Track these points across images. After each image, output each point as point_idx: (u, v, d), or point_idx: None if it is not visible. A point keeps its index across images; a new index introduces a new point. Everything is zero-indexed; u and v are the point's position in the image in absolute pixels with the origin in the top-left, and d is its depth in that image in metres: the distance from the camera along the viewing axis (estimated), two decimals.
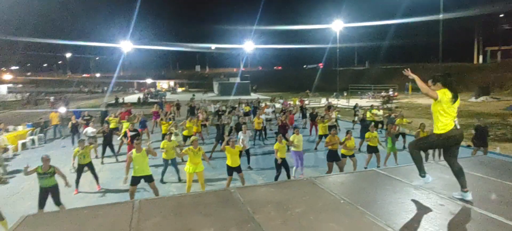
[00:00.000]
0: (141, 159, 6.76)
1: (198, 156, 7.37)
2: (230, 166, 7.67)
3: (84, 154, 8.16)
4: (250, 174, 9.44)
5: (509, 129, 17.23)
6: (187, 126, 12.06)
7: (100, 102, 27.68)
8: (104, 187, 8.56)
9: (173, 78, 71.44)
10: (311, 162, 10.38)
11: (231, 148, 7.64)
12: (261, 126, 13.30)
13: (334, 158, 8.52)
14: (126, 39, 56.50)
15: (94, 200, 7.79)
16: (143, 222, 3.34)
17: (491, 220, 3.21)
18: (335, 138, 8.56)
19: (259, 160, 11.11)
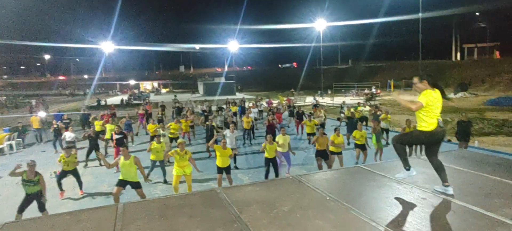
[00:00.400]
0: (128, 166, 6.59)
1: (185, 159, 7.26)
2: (220, 166, 7.67)
3: (69, 162, 7.87)
4: (236, 174, 9.41)
5: (486, 123, 17.87)
6: (172, 127, 11.88)
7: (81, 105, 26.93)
8: (87, 191, 8.36)
9: (157, 79, 70.47)
10: (298, 161, 10.44)
11: (223, 148, 7.61)
12: (250, 124, 13.27)
13: (322, 155, 8.59)
14: (107, 40, 55.35)
15: (77, 205, 7.59)
16: (128, 225, 3.27)
17: (471, 211, 3.31)
18: (324, 138, 8.60)
19: (246, 159, 11.10)
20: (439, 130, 3.66)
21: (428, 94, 3.61)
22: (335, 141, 8.68)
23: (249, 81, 60.62)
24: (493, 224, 3.01)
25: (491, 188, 3.91)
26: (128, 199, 6.63)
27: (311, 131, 12.17)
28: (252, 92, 48.31)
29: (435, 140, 3.74)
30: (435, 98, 3.60)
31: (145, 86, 63.36)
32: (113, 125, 11.74)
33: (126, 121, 13.41)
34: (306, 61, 55.31)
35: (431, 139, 3.72)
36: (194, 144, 13.37)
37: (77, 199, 7.96)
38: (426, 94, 3.61)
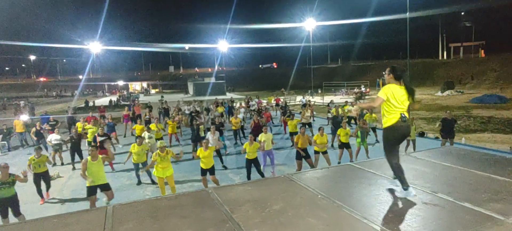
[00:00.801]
0: (96, 167, 6.36)
1: (167, 159, 7.16)
2: (204, 168, 7.59)
3: (40, 162, 7.61)
4: (227, 174, 9.38)
5: (472, 120, 18.24)
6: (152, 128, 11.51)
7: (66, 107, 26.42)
8: (75, 194, 8.20)
9: (146, 79, 69.73)
10: (283, 159, 10.45)
11: (204, 150, 7.53)
12: (239, 125, 13.21)
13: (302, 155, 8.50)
14: (95, 40, 54.49)
15: (64, 208, 7.44)
16: (118, 227, 3.22)
17: (460, 206, 3.37)
18: (305, 137, 8.59)
19: (237, 159, 11.06)
20: (400, 124, 3.53)
21: (387, 88, 3.54)
22: (318, 141, 8.68)
23: (239, 81, 60.53)
24: (481, 218, 3.07)
25: (478, 183, 3.98)
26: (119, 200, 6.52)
27: (293, 130, 12.16)
28: (242, 92, 48.26)
29: (397, 134, 3.61)
30: (396, 92, 3.50)
31: (134, 87, 62.63)
32: (94, 127, 11.51)
33: (108, 122, 13.19)
34: (296, 61, 55.54)
35: (393, 133, 3.60)
36: (182, 144, 13.26)
37: (70, 202, 7.80)
38: (385, 88, 3.55)
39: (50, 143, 10.76)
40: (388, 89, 3.54)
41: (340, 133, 9.63)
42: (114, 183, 8.61)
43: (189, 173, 9.36)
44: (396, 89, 3.53)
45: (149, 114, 14.70)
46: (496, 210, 3.20)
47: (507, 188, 3.81)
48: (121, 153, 11.87)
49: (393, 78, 3.60)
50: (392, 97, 3.51)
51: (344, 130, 9.62)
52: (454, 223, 3.03)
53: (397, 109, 3.53)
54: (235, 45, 66.49)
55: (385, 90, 3.55)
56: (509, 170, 4.43)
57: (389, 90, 3.53)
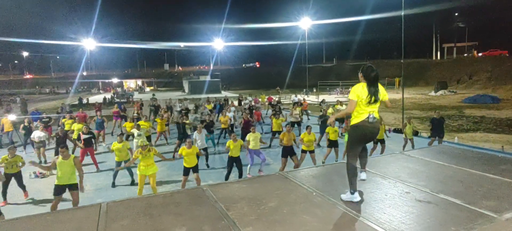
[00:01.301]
0: (66, 166, 6.17)
1: (150, 157, 7.01)
2: (186, 167, 7.45)
3: (13, 163, 7.28)
4: (222, 172, 9.33)
5: (465, 120, 18.45)
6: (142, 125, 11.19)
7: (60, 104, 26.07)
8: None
9: (141, 77, 69.32)
10: (276, 158, 10.43)
11: (187, 148, 7.41)
12: (228, 123, 13.12)
13: (288, 153, 8.48)
14: (89, 37, 53.98)
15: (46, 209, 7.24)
16: (111, 224, 3.19)
17: (453, 204, 3.40)
18: (290, 134, 8.55)
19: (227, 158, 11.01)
20: (366, 125, 3.44)
21: (356, 88, 3.47)
22: (305, 139, 8.68)
23: (234, 79, 60.45)
24: (473, 215, 3.10)
25: (471, 182, 4.02)
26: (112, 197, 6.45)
27: (277, 128, 12.14)
28: (237, 91, 48.23)
29: (360, 134, 3.51)
30: (364, 93, 3.41)
31: (128, 85, 62.21)
32: (80, 124, 11.36)
33: (97, 119, 13.03)
34: (292, 60, 55.68)
35: (356, 132, 3.51)
36: (170, 143, 13.14)
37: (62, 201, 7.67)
38: (354, 89, 3.48)
39: (34, 139, 10.57)
40: (357, 90, 3.46)
41: (329, 131, 9.69)
42: (106, 181, 8.53)
43: (177, 171, 9.25)
44: (363, 89, 3.43)
45: (138, 112, 14.57)
46: (489, 207, 3.23)
47: (499, 186, 3.86)
48: (100, 153, 11.64)
49: (363, 77, 3.51)
50: (360, 97, 3.42)
51: (333, 128, 9.67)
52: (447, 220, 3.05)
53: (365, 109, 3.44)
54: (230, 43, 66.52)
55: (355, 91, 3.46)
56: (501, 168, 4.49)
57: (357, 91, 3.44)
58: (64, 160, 6.19)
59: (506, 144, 12.02)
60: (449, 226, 2.92)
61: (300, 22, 39.79)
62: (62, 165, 6.17)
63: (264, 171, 8.61)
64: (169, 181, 8.52)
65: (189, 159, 7.41)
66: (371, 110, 3.45)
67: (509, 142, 12.76)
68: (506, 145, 11.89)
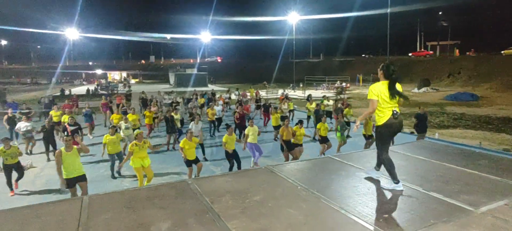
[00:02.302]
0: (72, 158, 5.99)
1: (144, 149, 7.00)
2: (189, 160, 7.54)
3: (11, 154, 7.24)
4: (208, 166, 9.33)
5: (445, 116, 18.97)
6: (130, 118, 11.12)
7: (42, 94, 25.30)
8: (48, 186, 7.91)
9: (126, 69, 67.94)
10: (265, 152, 10.49)
11: (189, 140, 7.49)
12: (215, 117, 13.12)
13: (288, 146, 8.67)
14: (72, 27, 52.46)
15: (36, 200, 7.15)
16: (94, 218, 3.14)
17: (433, 198, 3.51)
18: (288, 129, 8.71)
19: (217, 151, 11.02)
20: (393, 121, 3.61)
21: (374, 87, 3.60)
22: (297, 133, 8.85)
23: (221, 73, 60.06)
24: (452, 209, 3.20)
25: (450, 176, 4.15)
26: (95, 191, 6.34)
27: (276, 123, 12.25)
28: (224, 84, 47.98)
29: (389, 131, 3.69)
30: (384, 90, 3.56)
31: (113, 77, 60.91)
32: (67, 115, 11.11)
33: (85, 111, 12.77)
34: (280, 55, 55.72)
35: (386, 130, 3.68)
36: (160, 136, 13.03)
37: (43, 194, 7.50)
38: (373, 88, 3.60)
39: (19, 131, 10.29)
40: (375, 89, 3.59)
41: (320, 127, 9.80)
42: (90, 174, 8.34)
43: (166, 164, 9.24)
44: (383, 87, 3.59)
45: (126, 104, 14.33)
46: (466, 201, 3.35)
47: (477, 180, 3.99)
48: (96, 144, 11.55)
49: (383, 75, 3.66)
50: (380, 96, 3.57)
51: (324, 124, 9.80)
52: (427, 213, 3.15)
53: (388, 106, 3.59)
54: (217, 36, 65.95)
55: (373, 90, 3.60)
56: (478, 163, 4.65)
57: (376, 90, 3.58)
58: (67, 152, 5.95)
59: (483, 140, 12.43)
60: (429, 219, 3.01)
61: (288, 17, 39.84)
62: (67, 157, 5.94)
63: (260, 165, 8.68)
64: (161, 174, 8.45)
65: (190, 152, 7.47)
66: (393, 106, 3.60)
67: (486, 138, 13.21)
68: (483, 141, 12.29)
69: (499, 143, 12.49)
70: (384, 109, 3.60)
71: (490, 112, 20.27)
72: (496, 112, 20.23)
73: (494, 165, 4.61)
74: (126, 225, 3.01)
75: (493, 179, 4.00)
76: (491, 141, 12.94)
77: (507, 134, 14.46)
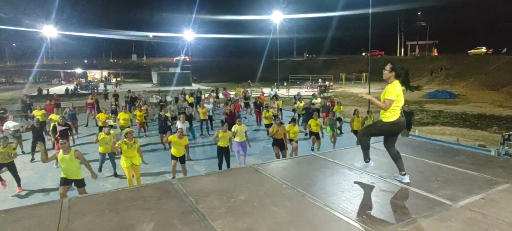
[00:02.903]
0: (68, 162, 5.83)
1: (134, 149, 6.92)
2: (174, 155, 7.61)
3: (5, 153, 7.08)
4: (192, 165, 9.25)
5: (425, 114, 19.54)
6: (122, 117, 11.19)
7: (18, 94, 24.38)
8: (28, 187, 7.64)
9: (107, 68, 66.32)
10: (256, 151, 10.52)
11: (179, 138, 7.52)
12: (207, 115, 13.07)
13: (279, 144, 8.70)
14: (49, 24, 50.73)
15: (15, 203, 6.90)
16: (74, 221, 3.05)
17: (413, 193, 3.60)
18: (281, 127, 8.76)
19: (203, 151, 10.95)
20: (401, 119, 3.78)
21: (395, 89, 3.67)
22: (290, 131, 8.95)
23: (205, 72, 59.61)
24: (432, 204, 3.30)
25: (430, 172, 4.28)
26: (76, 193, 6.17)
27: (268, 122, 12.32)
28: (208, 83, 47.66)
29: (397, 129, 3.87)
30: (401, 91, 3.72)
31: (93, 76, 59.35)
32: (57, 115, 10.83)
33: (69, 111, 12.45)
34: (264, 54, 55.82)
35: (394, 128, 3.81)
36: (149, 135, 12.87)
37: (20, 197, 7.24)
38: (394, 88, 3.67)
39: (8, 131, 9.92)
40: (396, 90, 3.67)
41: (311, 124, 9.97)
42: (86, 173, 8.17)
43: (155, 163, 9.11)
44: (400, 88, 3.72)
45: (115, 103, 14.05)
46: (445, 196, 3.46)
47: (455, 175, 4.13)
48: (83, 144, 11.26)
49: (394, 76, 3.74)
50: (399, 96, 3.67)
51: (315, 121, 9.97)
52: (408, 208, 3.23)
53: (399, 105, 3.71)
54: (201, 35, 65.33)
55: (394, 91, 3.65)
56: (457, 159, 4.81)
57: (397, 90, 3.67)
58: (64, 155, 5.76)
59: (461, 137, 12.89)
60: (410, 214, 3.08)
61: (272, 16, 39.94)
62: (64, 160, 5.76)
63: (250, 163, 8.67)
64: (152, 173, 8.33)
65: (178, 149, 7.51)
66: (401, 106, 3.76)
67: (463, 135, 13.70)
68: (461, 137, 12.74)
69: (475, 139, 12.98)
70: (396, 108, 3.71)
71: (467, 109, 21.03)
72: (472, 109, 21.00)
73: (471, 160, 4.78)
74: (108, 228, 2.94)
75: (470, 174, 4.15)
76: (467, 137, 13.43)
77: (482, 130, 15.05)
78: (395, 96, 3.66)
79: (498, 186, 3.71)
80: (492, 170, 4.27)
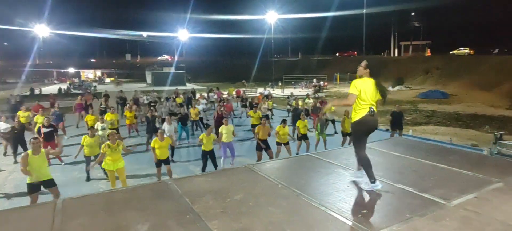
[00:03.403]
0: (39, 162, 5.60)
1: (118, 151, 6.75)
2: (159, 159, 7.38)
3: None
4: (187, 166, 9.22)
5: (418, 113, 19.71)
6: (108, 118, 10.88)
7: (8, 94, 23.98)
8: (18, 190, 7.53)
9: (100, 67, 65.73)
10: (245, 151, 10.50)
11: (160, 140, 7.33)
12: (198, 116, 13.03)
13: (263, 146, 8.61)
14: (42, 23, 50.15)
15: (7, 204, 6.81)
16: (68, 223, 3.01)
17: (408, 192, 3.62)
18: (265, 128, 8.70)
19: (197, 151, 10.89)
20: (368, 118, 3.56)
21: (359, 83, 3.55)
22: (280, 132, 8.88)
23: (200, 72, 59.41)
24: (426, 203, 3.32)
25: (424, 171, 4.31)
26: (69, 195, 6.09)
27: (256, 122, 12.25)
28: (203, 83, 47.51)
29: (364, 128, 3.65)
30: (367, 87, 3.54)
31: (86, 75, 58.79)
32: (42, 117, 10.65)
33: (54, 111, 12.25)
34: (259, 53, 55.83)
35: (360, 127, 3.64)
36: (142, 135, 12.77)
37: (10, 198, 7.14)
38: (357, 83, 3.55)
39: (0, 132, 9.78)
40: (359, 84, 3.53)
41: (299, 125, 9.88)
42: (64, 177, 8.06)
43: (145, 164, 9.04)
44: (367, 83, 3.56)
45: (105, 104, 13.89)
46: (439, 195, 3.49)
47: (449, 175, 4.17)
48: (71, 145, 11.13)
49: (366, 72, 3.63)
50: (363, 92, 3.53)
51: (303, 122, 9.89)
52: (403, 207, 3.25)
53: (366, 103, 3.56)
54: (195, 34, 65.00)
55: (357, 85, 3.53)
56: (450, 158, 4.85)
57: (361, 85, 3.53)
58: (34, 155, 5.54)
59: (453, 136, 13.01)
60: (405, 213, 3.10)
61: (266, 16, 39.96)
62: (34, 161, 5.53)
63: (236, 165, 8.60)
64: (139, 175, 8.24)
65: (161, 151, 7.31)
66: (371, 104, 3.56)
67: (456, 134, 13.84)
68: (453, 137, 12.87)
69: (468, 139, 13.13)
70: (362, 106, 3.56)
71: (459, 109, 21.26)
72: (465, 109, 21.24)
73: (464, 160, 4.83)
74: (103, 228, 2.91)
75: (463, 174, 4.19)
76: (460, 136, 13.57)
77: (474, 130, 15.22)
78: (357, 91, 3.52)
79: (491, 185, 3.76)
80: (485, 169, 4.32)
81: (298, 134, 10.07)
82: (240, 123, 15.58)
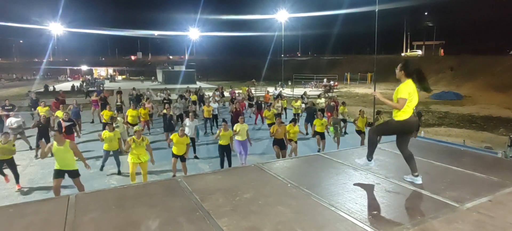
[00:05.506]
0: (63, 153, 5.95)
1: (142, 146, 7.01)
2: (175, 154, 7.69)
3: (4, 149, 7.10)
4: (197, 163, 9.29)
5: (430, 115, 19.40)
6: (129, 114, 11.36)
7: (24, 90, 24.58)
8: (34, 183, 7.72)
9: (112, 65, 66.68)
10: (257, 150, 10.52)
11: (179, 136, 7.56)
12: (211, 113, 13.09)
13: (279, 144, 8.70)
14: (56, 21, 51.11)
15: (21, 198, 6.99)
16: (81, 217, 3.07)
17: (420, 194, 3.58)
18: (281, 127, 8.74)
19: (207, 149, 10.97)
20: (413, 119, 3.73)
21: (406, 87, 3.62)
22: (290, 131, 8.94)
23: (210, 70, 59.69)
24: (438, 205, 3.27)
25: (436, 173, 4.25)
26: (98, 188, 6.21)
27: (270, 121, 12.30)
28: (213, 82, 47.72)
29: (409, 128, 3.81)
30: (413, 90, 3.66)
31: (99, 73, 59.74)
32: (62, 112, 10.94)
33: (73, 108, 12.54)
34: (269, 52, 55.77)
35: (405, 128, 3.77)
36: (153, 133, 12.94)
37: (25, 193, 7.31)
38: (406, 87, 3.62)
39: (11, 127, 10.03)
40: (409, 88, 3.61)
41: (316, 123, 9.96)
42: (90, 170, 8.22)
43: (160, 161, 9.13)
44: (412, 87, 3.65)
45: (120, 101, 14.16)
46: (452, 197, 3.43)
47: (462, 177, 4.10)
48: (84, 142, 11.36)
49: (404, 75, 3.69)
50: (412, 96, 3.62)
51: (320, 120, 9.96)
52: (414, 209, 3.21)
53: (412, 105, 3.67)
54: (206, 33, 65.39)
55: (406, 89, 3.60)
56: (463, 161, 4.77)
57: (410, 89, 3.61)
58: (59, 146, 5.90)
59: (467, 138, 12.78)
60: (416, 215, 3.06)
61: (276, 15, 39.84)
62: (59, 152, 5.88)
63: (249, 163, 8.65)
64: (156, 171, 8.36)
65: (178, 148, 7.60)
66: (414, 105, 3.69)
67: (469, 136, 13.58)
68: (467, 139, 12.63)
69: (482, 141, 12.86)
70: (408, 107, 3.66)
71: (473, 111, 20.84)
72: (479, 111, 20.80)
73: (478, 162, 4.74)
74: (115, 224, 2.96)
75: (477, 176, 4.11)
76: (474, 139, 13.31)
77: (489, 132, 14.90)
78: (407, 95, 3.61)
79: (505, 189, 3.68)
80: (499, 172, 4.23)
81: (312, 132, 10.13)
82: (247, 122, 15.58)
